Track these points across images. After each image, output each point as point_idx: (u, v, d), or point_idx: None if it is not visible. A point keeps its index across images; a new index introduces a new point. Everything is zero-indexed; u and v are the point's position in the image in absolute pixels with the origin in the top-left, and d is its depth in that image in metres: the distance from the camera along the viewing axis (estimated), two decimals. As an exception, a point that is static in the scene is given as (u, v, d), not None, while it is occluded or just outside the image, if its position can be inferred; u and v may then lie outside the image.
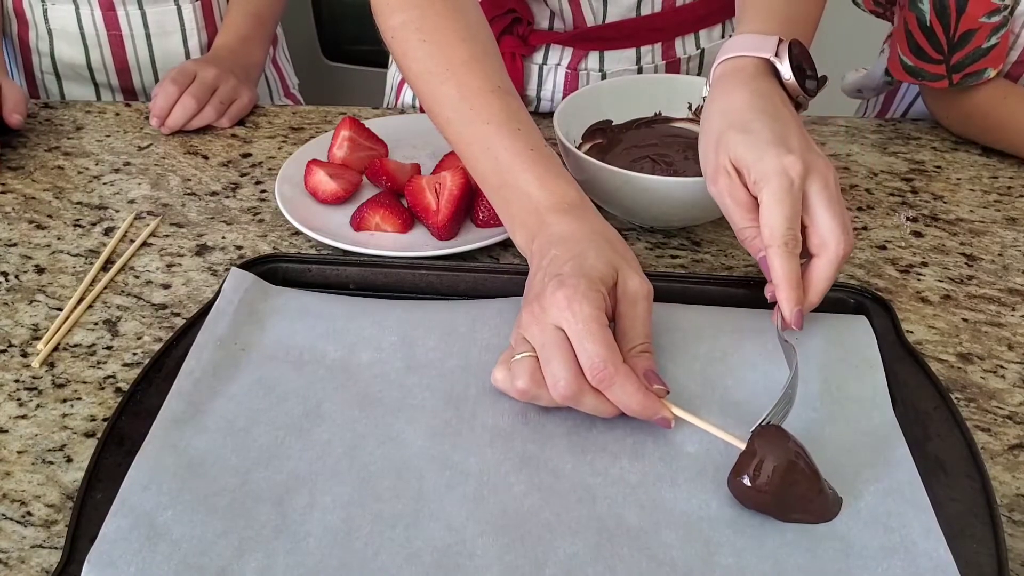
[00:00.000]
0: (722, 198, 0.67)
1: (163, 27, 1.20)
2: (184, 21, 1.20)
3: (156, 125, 1.02)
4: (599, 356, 0.57)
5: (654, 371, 0.60)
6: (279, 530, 0.55)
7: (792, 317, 0.63)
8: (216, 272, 0.81)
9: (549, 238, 0.65)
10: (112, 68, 1.22)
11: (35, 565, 0.56)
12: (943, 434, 0.61)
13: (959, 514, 0.56)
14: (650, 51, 1.01)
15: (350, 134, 0.91)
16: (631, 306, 0.62)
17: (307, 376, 0.66)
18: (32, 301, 0.78)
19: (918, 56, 0.96)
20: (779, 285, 0.63)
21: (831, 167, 0.65)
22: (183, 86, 1.02)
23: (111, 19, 1.18)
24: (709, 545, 0.54)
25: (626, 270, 0.62)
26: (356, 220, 0.84)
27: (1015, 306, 0.77)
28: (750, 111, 0.67)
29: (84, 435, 0.65)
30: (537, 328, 0.59)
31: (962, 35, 0.93)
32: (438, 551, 0.53)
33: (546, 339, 0.59)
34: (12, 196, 0.92)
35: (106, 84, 1.24)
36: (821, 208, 0.63)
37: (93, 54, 1.20)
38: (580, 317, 0.58)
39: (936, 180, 0.94)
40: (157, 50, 1.21)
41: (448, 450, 0.60)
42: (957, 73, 0.95)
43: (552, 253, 0.63)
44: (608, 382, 0.57)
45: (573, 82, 1.03)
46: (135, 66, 1.22)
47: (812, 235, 0.64)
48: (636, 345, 0.61)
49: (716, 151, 0.67)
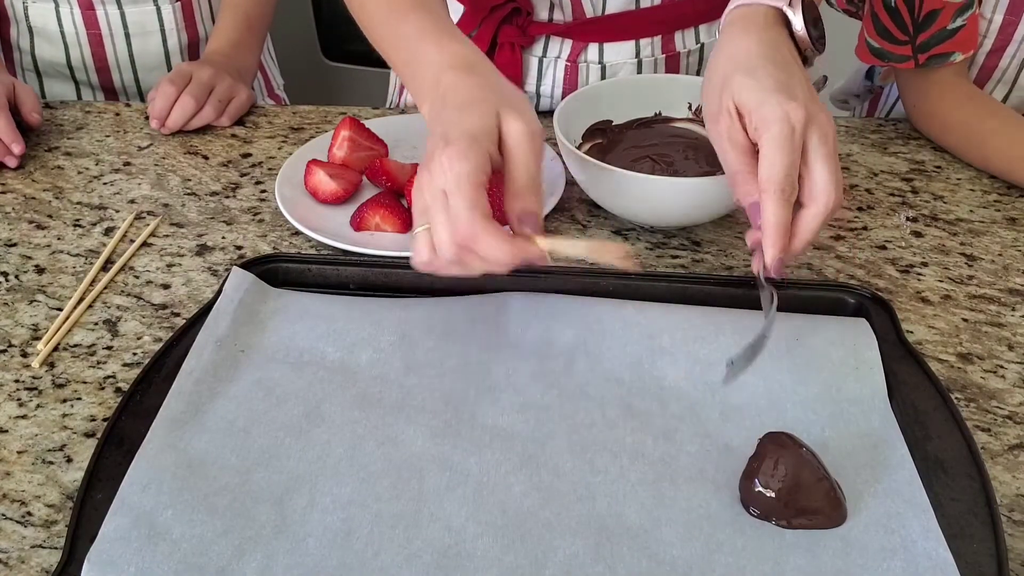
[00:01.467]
0: (720, 140, 0.67)
1: (143, 27, 1.20)
2: (164, 22, 1.20)
3: (156, 126, 1.02)
4: (458, 215, 0.57)
5: (529, 211, 0.60)
6: (279, 530, 0.55)
7: (774, 263, 0.62)
8: (216, 272, 0.81)
9: (442, 98, 0.65)
10: (92, 67, 1.22)
11: (35, 565, 0.56)
12: (943, 434, 0.61)
13: (959, 514, 0.56)
14: (649, 44, 1.02)
15: (350, 134, 0.91)
16: (515, 147, 0.62)
17: (307, 377, 0.66)
18: (32, 301, 0.78)
19: (884, 37, 0.96)
20: (768, 231, 0.62)
21: (832, 121, 0.64)
22: (180, 87, 1.02)
23: (90, 18, 1.18)
24: (709, 544, 0.54)
25: (510, 113, 0.62)
26: (356, 220, 0.84)
27: (1015, 306, 0.77)
28: (758, 57, 0.66)
29: (84, 435, 0.65)
30: (427, 194, 0.60)
31: (927, 15, 0.93)
32: (438, 551, 0.53)
33: (428, 204, 0.59)
34: (12, 196, 0.92)
35: (86, 82, 1.25)
36: (819, 160, 0.63)
37: (73, 52, 1.21)
38: (453, 176, 0.58)
39: (936, 180, 0.94)
40: (136, 49, 1.21)
41: (448, 450, 0.60)
42: (923, 53, 0.95)
43: (444, 116, 0.63)
44: (470, 240, 0.57)
45: (573, 75, 1.04)
46: (115, 65, 1.22)
47: (805, 185, 0.64)
48: (520, 186, 0.61)
49: (720, 93, 0.66)
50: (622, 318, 0.69)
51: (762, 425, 0.61)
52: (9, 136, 0.95)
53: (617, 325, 0.68)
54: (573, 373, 0.66)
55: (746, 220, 0.87)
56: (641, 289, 0.73)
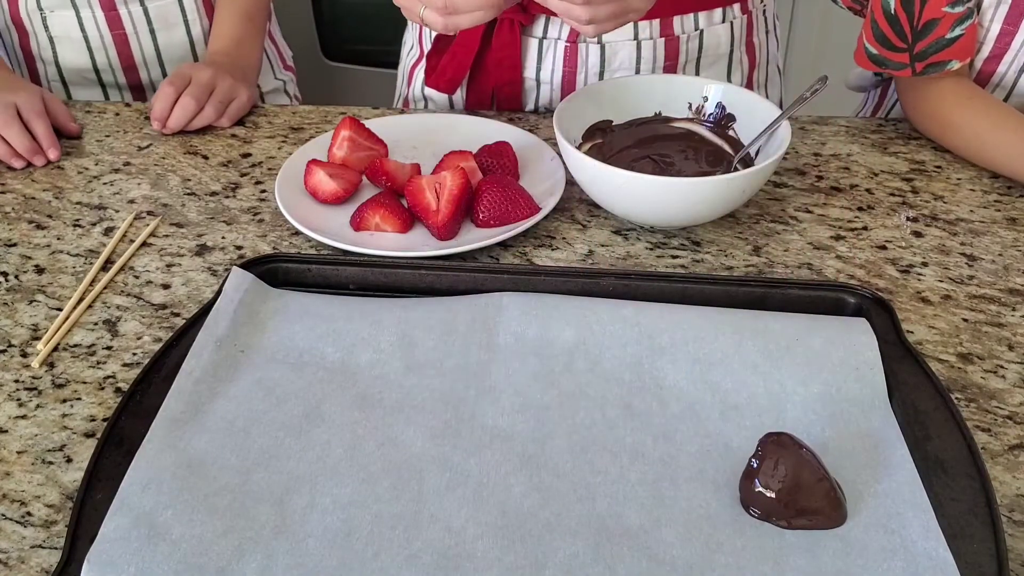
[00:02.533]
0: None
1: (166, 20, 1.20)
2: (186, 12, 1.21)
3: (158, 128, 1.02)
4: None
5: None
6: (279, 530, 0.55)
7: None
8: (216, 272, 0.81)
9: None
10: (119, 67, 1.22)
11: (35, 565, 0.56)
12: (943, 434, 0.61)
13: (959, 514, 0.56)
14: (648, 26, 1.02)
15: (350, 134, 0.91)
16: None
17: (307, 377, 0.66)
18: (32, 301, 0.78)
19: (882, 44, 0.97)
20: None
21: None
22: (179, 89, 1.02)
23: (114, 19, 1.18)
24: (709, 544, 0.54)
25: None
26: (356, 220, 0.84)
27: (1015, 306, 0.77)
28: None
29: (84, 435, 0.65)
30: None
31: (925, 24, 0.93)
32: (438, 552, 0.53)
33: None
34: (12, 196, 0.92)
35: (113, 84, 1.24)
36: None
37: (99, 56, 1.21)
38: None
39: (936, 180, 0.94)
40: (162, 43, 1.21)
41: (448, 451, 0.60)
42: (920, 62, 0.95)
43: None
44: None
45: (572, 56, 1.04)
46: (141, 63, 1.22)
47: None
48: None
49: None
50: (622, 318, 0.69)
51: (762, 425, 0.61)
52: (47, 141, 0.98)
53: (617, 325, 0.68)
54: (573, 373, 0.66)
55: (745, 220, 0.88)
56: (641, 289, 0.73)
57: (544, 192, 0.87)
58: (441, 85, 1.09)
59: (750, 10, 1.07)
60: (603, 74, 1.05)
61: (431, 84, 1.10)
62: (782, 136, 0.84)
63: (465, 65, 1.07)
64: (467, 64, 1.06)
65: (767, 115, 0.87)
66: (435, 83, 1.09)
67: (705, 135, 0.92)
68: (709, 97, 0.92)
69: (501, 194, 0.83)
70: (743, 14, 1.06)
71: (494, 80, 1.07)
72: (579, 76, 1.05)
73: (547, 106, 1.09)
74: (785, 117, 0.85)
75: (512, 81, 1.06)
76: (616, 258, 0.83)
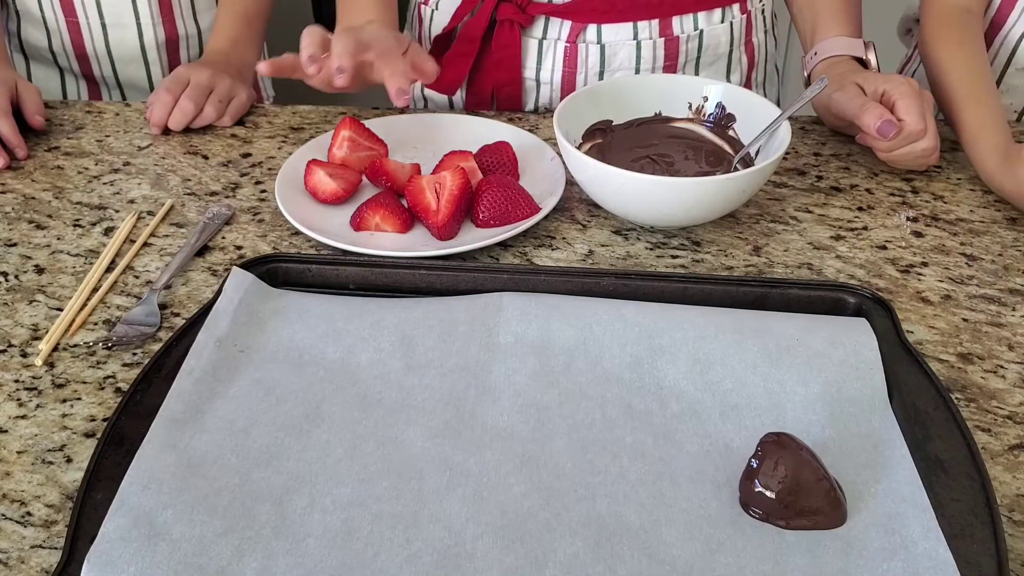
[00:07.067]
0: (850, 93, 0.91)
1: (119, 18, 1.20)
2: (139, 15, 1.20)
3: (157, 133, 1.02)
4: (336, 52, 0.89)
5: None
6: (279, 530, 0.55)
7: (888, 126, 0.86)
8: (216, 272, 0.81)
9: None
10: (72, 54, 1.23)
11: (35, 565, 0.56)
12: (943, 434, 0.61)
13: (959, 514, 0.56)
14: (647, 26, 1.02)
15: (350, 134, 0.91)
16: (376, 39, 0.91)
17: (307, 377, 0.66)
18: (32, 301, 0.78)
19: None
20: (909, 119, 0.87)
21: None
22: (177, 94, 1.02)
23: (67, 5, 1.18)
24: (709, 544, 0.54)
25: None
26: (356, 220, 0.84)
27: (1015, 306, 0.77)
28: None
29: (84, 435, 0.65)
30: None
31: None
32: (438, 552, 0.53)
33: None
34: (12, 196, 0.92)
35: (69, 70, 1.25)
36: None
37: (55, 39, 1.21)
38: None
39: (936, 180, 0.94)
40: (113, 40, 1.21)
41: (448, 451, 0.60)
42: None
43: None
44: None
45: (572, 56, 1.04)
46: (93, 55, 1.22)
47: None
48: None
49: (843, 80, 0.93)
50: (622, 318, 0.69)
51: (762, 425, 0.62)
52: (13, 140, 0.97)
53: (617, 325, 0.68)
54: (573, 373, 0.66)
55: (745, 220, 0.88)
56: (641, 289, 0.73)
57: (544, 192, 0.87)
58: (441, 88, 1.09)
59: (749, 10, 1.07)
60: (603, 74, 1.05)
61: (431, 87, 1.10)
62: (782, 136, 0.84)
63: (465, 68, 1.07)
64: (467, 67, 1.06)
65: (767, 115, 0.87)
66: (435, 86, 1.09)
67: (705, 135, 0.92)
68: (709, 97, 0.92)
69: (501, 194, 0.83)
70: (742, 14, 1.07)
71: (494, 80, 1.07)
72: (579, 76, 1.05)
73: (547, 106, 1.09)
74: (785, 117, 0.85)
75: (512, 81, 1.06)
76: (616, 258, 0.83)
